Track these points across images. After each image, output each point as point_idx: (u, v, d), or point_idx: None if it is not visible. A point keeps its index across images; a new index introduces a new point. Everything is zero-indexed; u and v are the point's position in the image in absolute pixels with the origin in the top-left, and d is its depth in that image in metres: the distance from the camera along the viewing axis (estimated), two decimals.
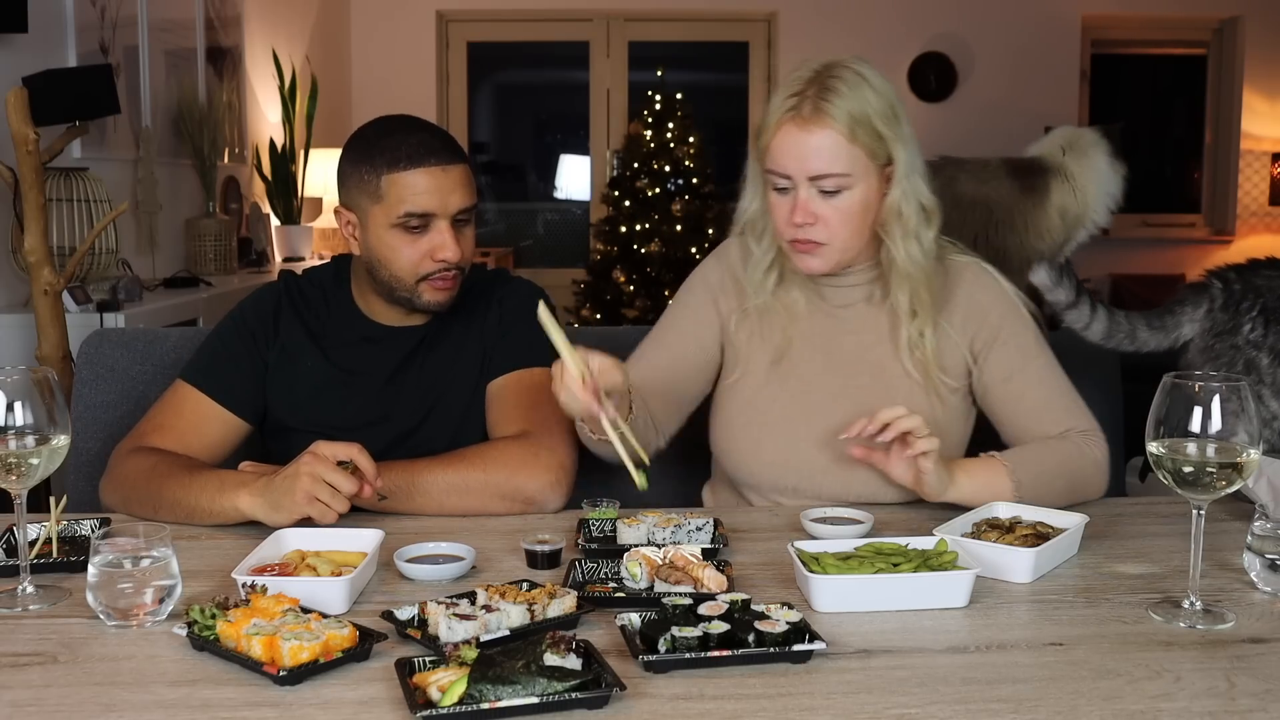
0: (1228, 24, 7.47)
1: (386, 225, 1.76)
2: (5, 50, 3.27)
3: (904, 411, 1.56)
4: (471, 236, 1.81)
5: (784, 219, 1.70)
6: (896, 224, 1.71)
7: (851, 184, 1.67)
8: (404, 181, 1.74)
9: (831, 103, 1.64)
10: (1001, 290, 1.80)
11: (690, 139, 6.67)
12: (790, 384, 1.78)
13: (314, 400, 1.84)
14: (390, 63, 6.98)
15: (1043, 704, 1.08)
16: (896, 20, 7.05)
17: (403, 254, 1.76)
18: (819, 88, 1.66)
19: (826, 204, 1.68)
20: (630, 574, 1.38)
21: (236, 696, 1.10)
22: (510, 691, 1.04)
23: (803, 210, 1.68)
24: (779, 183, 1.70)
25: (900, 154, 1.69)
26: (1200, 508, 1.29)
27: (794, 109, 1.66)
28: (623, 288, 6.63)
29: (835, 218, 1.68)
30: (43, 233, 2.96)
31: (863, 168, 1.67)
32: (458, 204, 1.76)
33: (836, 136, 1.65)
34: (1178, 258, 7.55)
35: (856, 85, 1.66)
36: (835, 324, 1.80)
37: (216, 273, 4.52)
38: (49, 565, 1.44)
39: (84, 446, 2.06)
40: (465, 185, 1.77)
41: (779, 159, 1.68)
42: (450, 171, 1.75)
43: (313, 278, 1.94)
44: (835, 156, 1.65)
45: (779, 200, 1.71)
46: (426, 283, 1.78)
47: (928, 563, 1.35)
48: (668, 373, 1.81)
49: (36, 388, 1.33)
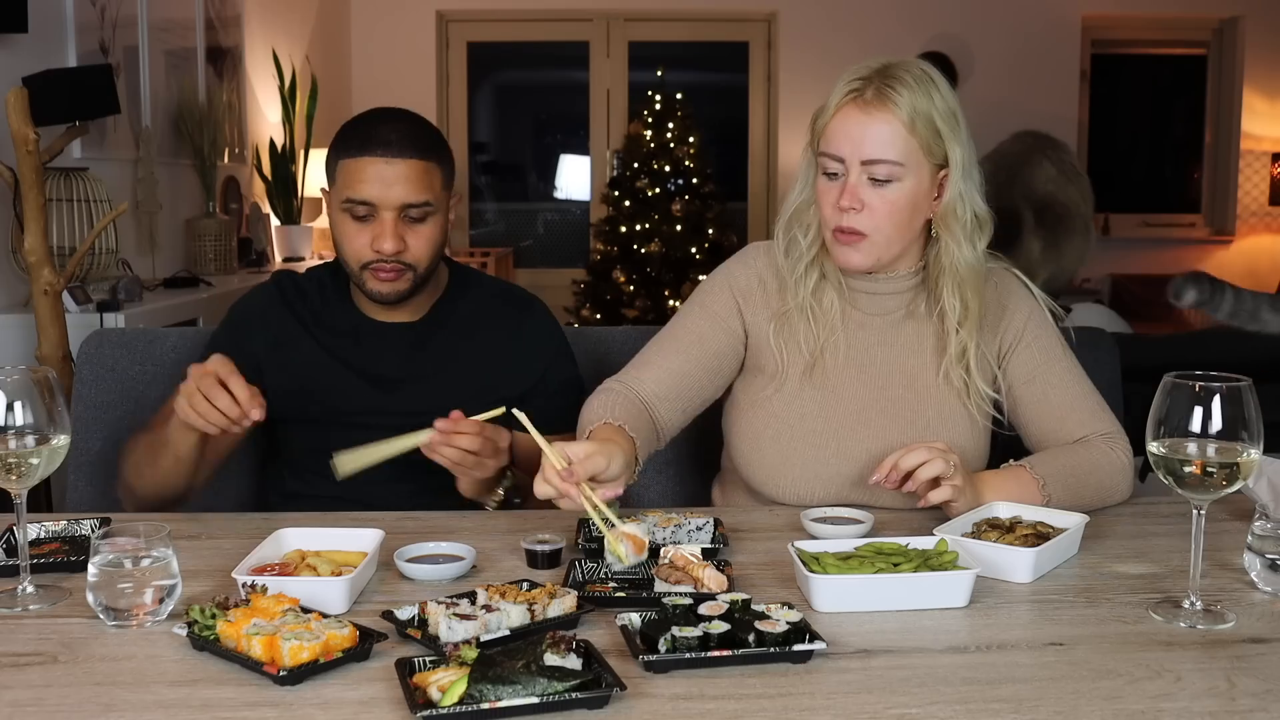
0: (1228, 24, 7.47)
1: (337, 208, 1.81)
2: (5, 50, 3.27)
3: (926, 456, 1.53)
4: (429, 235, 1.81)
5: (831, 203, 1.69)
6: (954, 225, 1.70)
7: (903, 175, 1.66)
8: (349, 168, 1.79)
9: (896, 90, 1.64)
10: (1026, 294, 1.81)
11: (690, 139, 6.67)
12: (821, 395, 1.75)
13: (310, 389, 1.86)
14: (390, 63, 6.98)
15: (1043, 704, 1.08)
16: (896, 20, 7.06)
17: (348, 239, 1.81)
18: (885, 77, 1.66)
19: (875, 192, 1.67)
20: (615, 555, 1.35)
21: (236, 696, 1.09)
22: (510, 691, 1.04)
23: (850, 194, 1.66)
24: (831, 166, 1.69)
25: (957, 157, 1.68)
26: (1200, 508, 1.29)
27: (857, 92, 1.66)
28: (623, 288, 6.63)
29: (882, 208, 1.67)
30: (43, 233, 2.96)
31: (916, 162, 1.66)
32: (400, 197, 1.77)
33: (896, 124, 1.64)
34: (1178, 258, 7.55)
35: (923, 81, 1.66)
36: (869, 334, 1.78)
37: (216, 273, 4.53)
38: (49, 565, 1.44)
39: (84, 446, 2.06)
40: (413, 180, 1.77)
41: (834, 140, 1.67)
42: (395, 165, 1.76)
43: (312, 273, 1.98)
44: (891, 143, 1.65)
45: (828, 186, 1.70)
46: (369, 271, 1.81)
47: (928, 563, 1.35)
48: (680, 377, 1.75)
49: (36, 388, 1.33)
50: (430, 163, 1.80)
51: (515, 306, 1.97)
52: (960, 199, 1.70)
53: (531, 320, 1.96)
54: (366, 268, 1.81)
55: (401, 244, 1.78)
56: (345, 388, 1.86)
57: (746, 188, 7.42)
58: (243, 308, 1.96)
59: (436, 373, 1.87)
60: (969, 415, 1.74)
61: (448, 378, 1.86)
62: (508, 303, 1.97)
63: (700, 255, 6.64)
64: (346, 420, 1.82)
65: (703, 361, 1.78)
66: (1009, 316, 1.79)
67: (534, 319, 1.96)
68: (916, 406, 1.74)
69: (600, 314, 6.64)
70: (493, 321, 1.93)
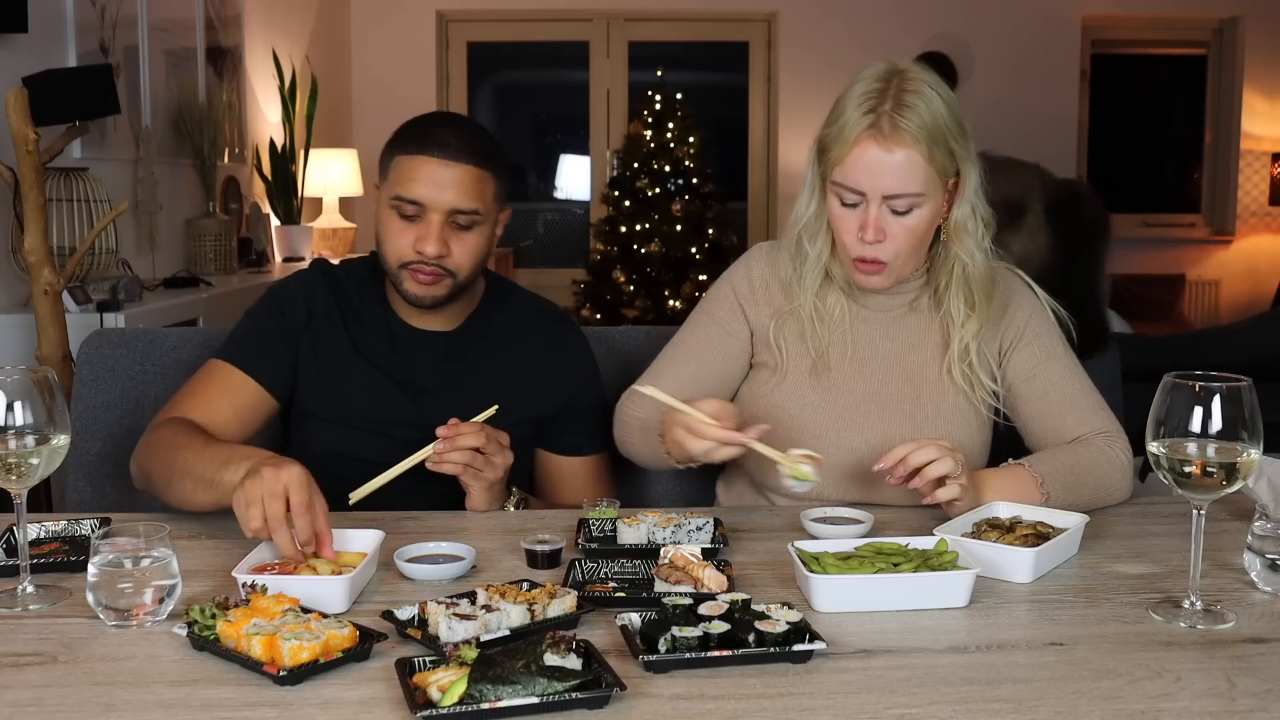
0: (1228, 24, 7.47)
1: (385, 204, 1.79)
2: (5, 50, 3.27)
3: (935, 454, 1.52)
4: (474, 244, 1.79)
5: (852, 234, 1.69)
6: (965, 236, 1.72)
7: (923, 203, 1.67)
8: (403, 165, 1.77)
9: (910, 119, 1.63)
10: (1029, 292, 1.82)
11: (690, 139, 6.67)
12: (823, 388, 1.77)
13: (340, 390, 1.83)
14: (390, 63, 6.98)
15: (1043, 704, 1.08)
16: (896, 20, 7.06)
17: (392, 236, 1.79)
18: (895, 103, 1.64)
19: (896, 222, 1.67)
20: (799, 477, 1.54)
21: (236, 696, 1.09)
22: (510, 691, 1.04)
23: (874, 228, 1.66)
24: (848, 198, 1.68)
25: (969, 170, 1.70)
26: (1200, 508, 1.29)
27: (873, 125, 1.64)
28: (623, 288, 6.63)
29: (902, 235, 1.68)
30: (43, 233, 2.96)
31: (934, 186, 1.67)
32: (450, 202, 1.75)
33: (916, 157, 1.64)
34: (1178, 258, 7.55)
35: (931, 100, 1.65)
36: (873, 329, 1.79)
37: (216, 273, 4.52)
38: (49, 565, 1.44)
39: (84, 446, 2.06)
40: (466, 186, 1.76)
41: (853, 175, 1.66)
42: (451, 168, 1.75)
43: (349, 268, 1.94)
44: (912, 176, 1.65)
45: (845, 214, 1.69)
46: (407, 271, 1.78)
47: (928, 563, 1.35)
48: (694, 386, 1.76)
49: (36, 388, 1.33)
50: (485, 172, 1.78)
51: (551, 323, 1.95)
52: (971, 212, 1.71)
53: (566, 338, 1.95)
54: (406, 267, 1.78)
55: (445, 249, 1.76)
56: (376, 392, 1.83)
57: (746, 188, 7.42)
58: (284, 287, 1.89)
59: (470, 385, 1.85)
60: (972, 410, 1.75)
61: (481, 391, 1.82)
62: (544, 319, 1.95)
63: (700, 255, 6.64)
64: (374, 427, 1.80)
65: (713, 367, 1.81)
66: (1010, 314, 1.79)
67: (568, 337, 1.95)
68: (917, 400, 1.75)
69: (600, 314, 6.64)
70: (528, 337, 1.91)
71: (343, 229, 5.70)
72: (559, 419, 1.91)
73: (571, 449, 1.93)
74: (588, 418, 1.93)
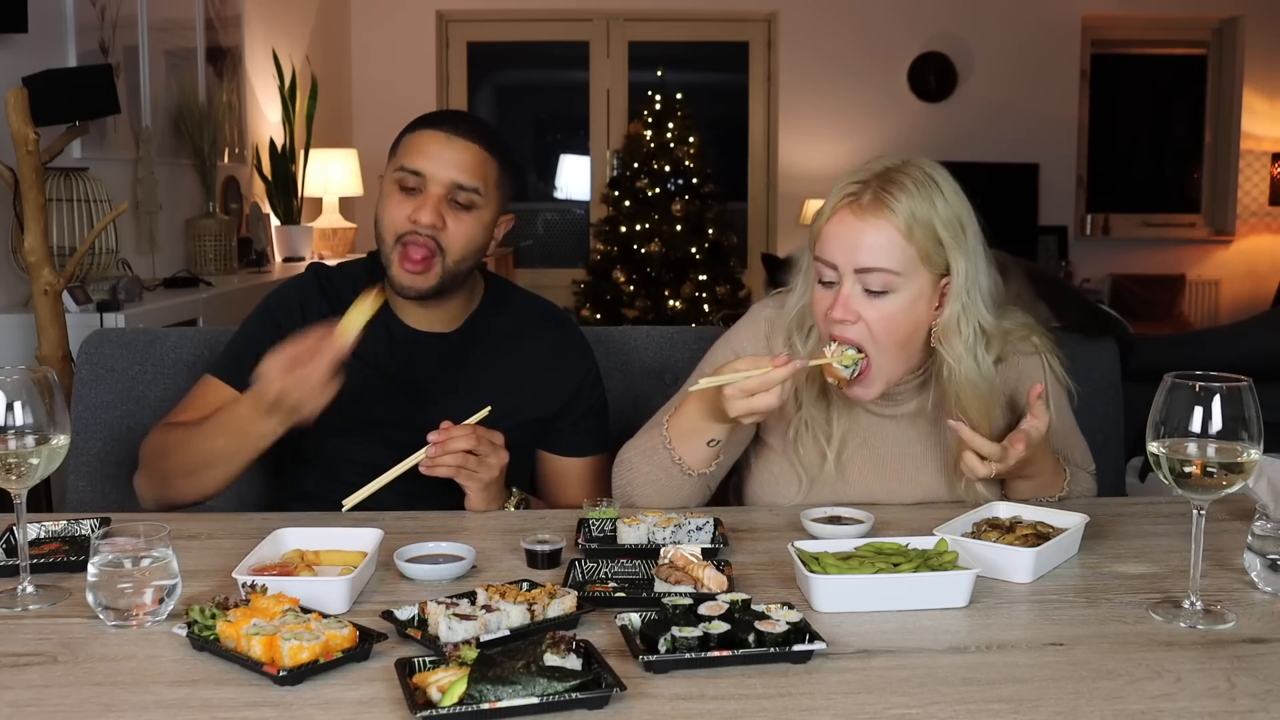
0: (1228, 24, 7.47)
1: (390, 179, 1.80)
2: (5, 50, 3.28)
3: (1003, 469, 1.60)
4: (469, 226, 1.77)
5: (822, 313, 1.64)
6: (954, 339, 1.63)
7: (899, 286, 1.59)
8: (409, 140, 1.80)
9: (894, 195, 1.57)
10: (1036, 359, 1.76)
11: (690, 139, 6.68)
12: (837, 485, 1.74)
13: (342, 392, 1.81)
14: (390, 63, 6.99)
15: (1043, 704, 1.08)
16: (896, 20, 7.06)
17: (390, 210, 1.78)
18: (884, 180, 1.59)
19: (870, 304, 1.59)
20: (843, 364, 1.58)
21: (236, 696, 1.09)
22: (510, 692, 1.04)
23: (843, 305, 1.59)
24: (826, 274, 1.62)
25: (960, 266, 1.61)
26: (1200, 508, 1.29)
27: (853, 196, 1.60)
28: (623, 288, 6.64)
29: (878, 321, 1.59)
30: (43, 233, 2.96)
31: (913, 270, 1.59)
32: (453, 175, 1.75)
33: (892, 231, 1.57)
34: (1178, 258, 7.56)
35: (924, 185, 1.59)
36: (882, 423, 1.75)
37: (216, 273, 4.52)
38: (49, 565, 1.44)
39: (84, 446, 2.06)
40: (468, 164, 1.76)
41: (828, 246, 1.61)
42: (454, 143, 1.76)
43: (346, 270, 1.93)
44: (887, 252, 1.57)
45: (823, 294, 1.63)
46: (400, 248, 1.76)
47: (928, 563, 1.35)
48: None
49: (36, 388, 1.33)
50: (488, 154, 1.79)
51: (552, 325, 1.95)
52: (963, 314, 1.62)
53: (567, 340, 1.95)
54: (400, 240, 1.76)
55: (440, 221, 1.75)
56: (378, 395, 1.82)
57: (746, 188, 7.43)
58: (279, 303, 1.89)
59: (471, 387, 1.84)
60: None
61: (482, 393, 1.81)
62: (545, 320, 1.95)
63: (700, 255, 6.65)
64: (375, 430, 1.80)
65: None
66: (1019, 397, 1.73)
67: (570, 339, 1.95)
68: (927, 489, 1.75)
69: (600, 314, 6.64)
70: (530, 339, 1.91)
71: (343, 229, 5.70)
72: (560, 420, 1.91)
73: (572, 450, 1.93)
74: (588, 419, 1.93)
